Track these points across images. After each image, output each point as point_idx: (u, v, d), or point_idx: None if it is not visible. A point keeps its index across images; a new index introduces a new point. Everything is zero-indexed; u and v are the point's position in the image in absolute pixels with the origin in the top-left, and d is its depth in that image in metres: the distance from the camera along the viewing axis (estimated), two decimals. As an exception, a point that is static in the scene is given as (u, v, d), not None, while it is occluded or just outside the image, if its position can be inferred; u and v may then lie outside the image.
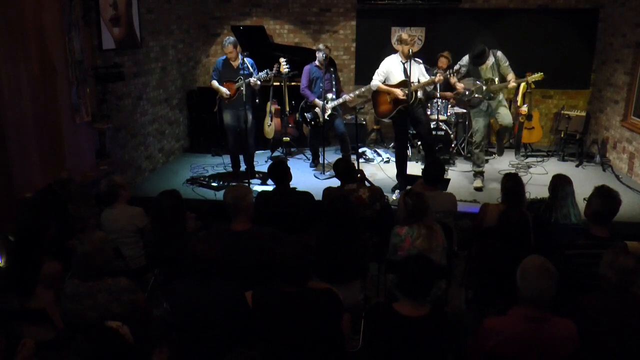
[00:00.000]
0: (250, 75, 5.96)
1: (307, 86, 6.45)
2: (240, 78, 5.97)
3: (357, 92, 6.69)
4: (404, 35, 5.82)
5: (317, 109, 6.41)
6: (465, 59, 6.00)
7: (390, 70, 5.82)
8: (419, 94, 5.80)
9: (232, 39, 6.13)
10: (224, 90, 6.04)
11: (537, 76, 5.76)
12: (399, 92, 5.65)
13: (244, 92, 5.90)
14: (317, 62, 6.42)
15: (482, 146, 6.13)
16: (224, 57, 6.15)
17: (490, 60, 5.87)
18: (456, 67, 5.91)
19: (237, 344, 2.58)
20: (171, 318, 2.66)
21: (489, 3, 7.78)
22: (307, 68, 6.45)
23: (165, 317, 2.73)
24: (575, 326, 2.47)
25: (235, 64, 6.08)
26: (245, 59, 5.98)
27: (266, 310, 2.57)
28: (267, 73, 6.00)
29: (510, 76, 5.82)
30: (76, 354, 2.44)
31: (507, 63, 5.88)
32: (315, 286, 2.72)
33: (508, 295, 2.58)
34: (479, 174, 6.16)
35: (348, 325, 2.86)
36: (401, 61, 5.75)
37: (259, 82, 6.04)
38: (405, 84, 5.67)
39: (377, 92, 5.98)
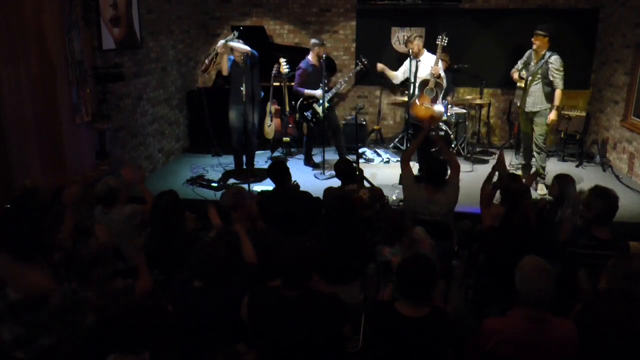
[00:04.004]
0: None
1: (299, 84, 6.47)
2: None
3: (346, 79, 6.91)
4: (410, 36, 6.32)
5: (314, 105, 6.46)
6: (526, 55, 6.05)
7: (406, 69, 6.32)
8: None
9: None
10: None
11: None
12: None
13: (243, 91, 5.89)
14: (311, 59, 6.48)
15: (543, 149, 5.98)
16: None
17: (546, 55, 5.81)
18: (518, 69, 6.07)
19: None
20: (173, 319, 2.66)
21: (489, 3, 7.78)
22: (302, 69, 6.44)
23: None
24: (575, 326, 2.47)
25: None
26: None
27: (264, 315, 2.56)
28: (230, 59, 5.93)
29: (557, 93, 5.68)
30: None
31: (558, 70, 5.68)
32: (322, 288, 2.71)
33: (508, 295, 2.58)
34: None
35: (348, 325, 2.86)
36: (414, 60, 6.13)
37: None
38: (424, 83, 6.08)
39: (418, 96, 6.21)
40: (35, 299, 2.55)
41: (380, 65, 6.62)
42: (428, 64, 6.10)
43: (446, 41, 6.07)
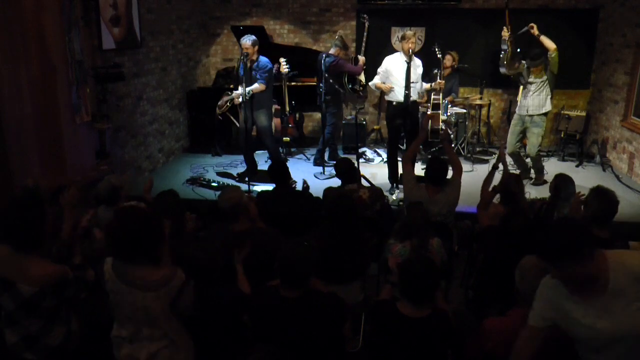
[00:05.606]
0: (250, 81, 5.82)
1: (351, 65, 7.17)
2: (228, 93, 6.19)
3: (363, 39, 7.41)
4: (407, 33, 5.88)
5: (356, 77, 7.17)
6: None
7: (390, 69, 5.81)
8: (415, 96, 5.86)
9: (252, 37, 5.83)
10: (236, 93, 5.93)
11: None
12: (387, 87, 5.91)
13: (239, 92, 5.88)
14: (334, 52, 6.81)
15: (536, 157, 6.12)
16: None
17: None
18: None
19: (237, 346, 2.58)
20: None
21: (489, 3, 7.78)
22: (342, 61, 6.87)
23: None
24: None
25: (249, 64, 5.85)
26: (260, 57, 5.85)
27: (264, 315, 2.55)
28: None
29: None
30: None
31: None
32: (319, 287, 2.71)
33: (508, 295, 2.58)
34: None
35: (348, 325, 2.85)
36: (405, 60, 5.74)
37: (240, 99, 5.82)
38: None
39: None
40: (52, 285, 2.57)
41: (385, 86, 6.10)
42: (417, 67, 5.89)
43: (440, 52, 6.42)
